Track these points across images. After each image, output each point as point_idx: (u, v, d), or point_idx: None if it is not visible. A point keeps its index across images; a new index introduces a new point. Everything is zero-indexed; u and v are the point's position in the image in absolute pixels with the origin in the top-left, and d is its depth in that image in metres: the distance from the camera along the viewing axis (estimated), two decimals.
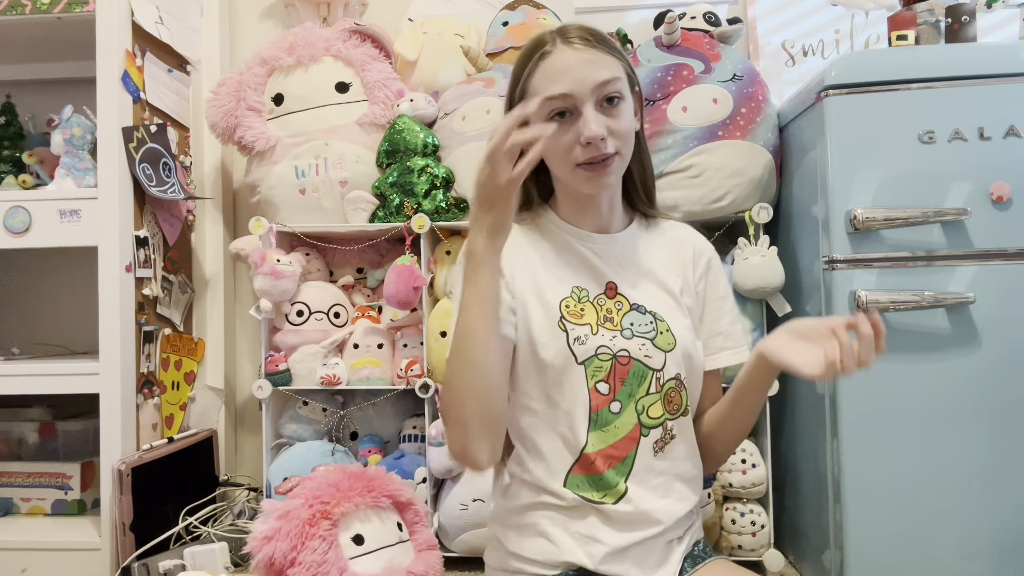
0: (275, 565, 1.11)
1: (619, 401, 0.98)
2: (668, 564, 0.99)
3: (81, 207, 1.67)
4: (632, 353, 0.98)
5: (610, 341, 0.98)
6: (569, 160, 0.96)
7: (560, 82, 0.94)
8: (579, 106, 0.94)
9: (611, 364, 0.98)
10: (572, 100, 0.94)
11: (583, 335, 0.98)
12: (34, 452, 1.95)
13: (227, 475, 2.02)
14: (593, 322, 0.99)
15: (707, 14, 1.84)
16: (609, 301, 1.01)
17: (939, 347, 1.40)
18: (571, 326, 0.98)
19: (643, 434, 0.98)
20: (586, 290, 1.01)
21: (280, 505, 1.16)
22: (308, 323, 1.78)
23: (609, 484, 0.97)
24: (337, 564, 1.13)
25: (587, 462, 0.97)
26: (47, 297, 2.16)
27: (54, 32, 1.84)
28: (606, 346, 0.98)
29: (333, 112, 1.83)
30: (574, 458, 0.98)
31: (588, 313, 0.99)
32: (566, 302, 0.99)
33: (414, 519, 1.26)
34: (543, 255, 1.03)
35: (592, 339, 0.98)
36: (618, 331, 0.99)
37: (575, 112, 0.95)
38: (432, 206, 1.76)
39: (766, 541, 1.64)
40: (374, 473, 1.25)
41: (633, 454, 0.98)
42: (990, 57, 1.44)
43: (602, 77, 0.94)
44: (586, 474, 0.97)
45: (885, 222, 1.41)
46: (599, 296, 1.01)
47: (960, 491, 1.38)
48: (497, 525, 1.05)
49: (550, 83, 0.94)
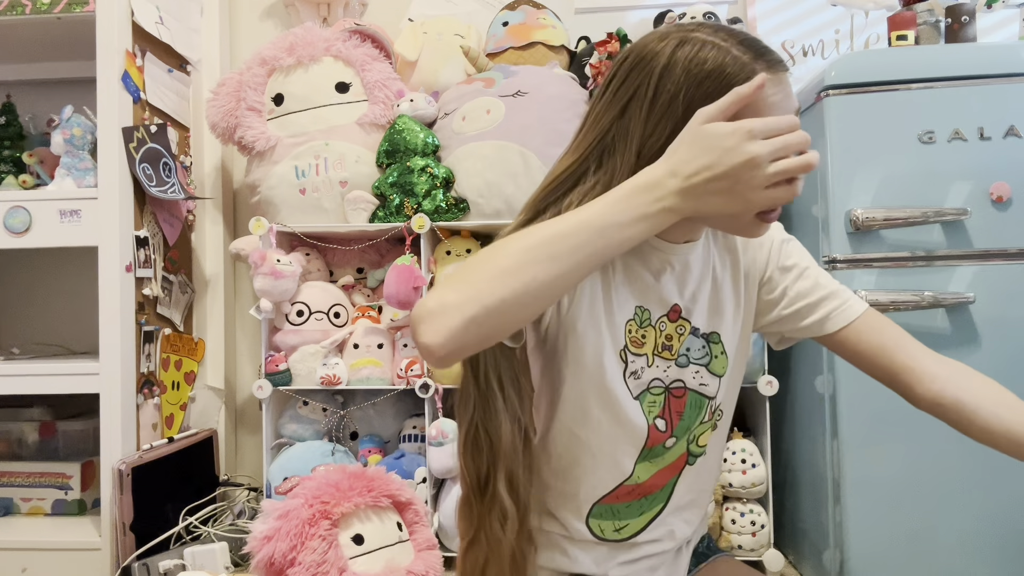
0: (275, 565, 1.11)
1: (676, 436, 0.88)
2: (679, 567, 0.97)
3: (81, 207, 1.67)
4: (687, 383, 0.88)
5: (663, 373, 0.87)
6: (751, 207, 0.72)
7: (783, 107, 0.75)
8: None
9: (664, 398, 0.87)
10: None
11: (639, 369, 0.85)
12: (34, 452, 1.95)
13: (227, 475, 2.02)
14: (650, 352, 0.86)
15: (707, 14, 1.85)
16: (671, 325, 0.87)
17: (939, 347, 1.38)
18: (632, 357, 0.85)
19: (689, 463, 0.90)
20: (648, 311, 0.86)
21: (280, 505, 1.16)
22: (308, 323, 1.78)
23: (635, 513, 0.90)
24: (337, 564, 1.13)
25: (623, 492, 0.88)
26: (47, 297, 2.16)
27: (54, 32, 1.84)
28: (659, 379, 0.87)
29: (333, 112, 1.84)
30: (612, 487, 0.88)
31: (648, 340, 0.86)
32: (629, 326, 0.85)
33: (414, 519, 1.27)
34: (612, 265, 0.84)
35: (647, 372, 0.86)
36: (673, 360, 0.87)
37: None
38: (432, 206, 1.76)
39: (766, 541, 1.64)
40: (374, 473, 1.25)
41: (673, 483, 0.90)
42: (990, 57, 1.44)
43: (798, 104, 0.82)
44: (614, 503, 0.89)
45: (885, 222, 1.41)
46: (661, 319, 0.86)
47: (960, 491, 1.38)
48: None
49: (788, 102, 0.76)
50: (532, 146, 1.71)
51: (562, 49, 1.97)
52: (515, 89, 1.78)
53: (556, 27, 1.98)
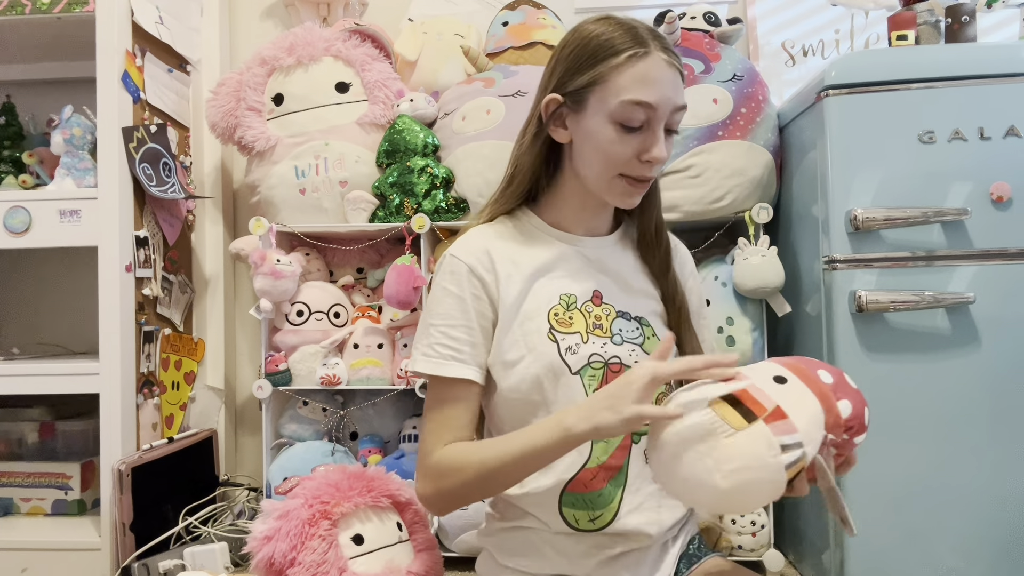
0: (275, 565, 1.10)
1: None
2: (663, 567, 0.98)
3: (81, 207, 1.67)
4: (623, 360, 0.95)
5: (601, 348, 0.94)
6: (615, 168, 0.91)
7: (651, 92, 0.87)
8: (653, 122, 0.89)
9: (603, 372, 0.94)
10: (651, 114, 0.88)
11: (574, 344, 0.94)
12: (34, 452, 1.95)
13: (227, 475, 2.02)
14: (583, 330, 0.95)
15: (707, 14, 1.85)
16: (596, 308, 0.97)
17: (939, 347, 1.40)
18: (561, 336, 0.93)
19: (634, 441, 0.95)
20: (575, 296, 0.96)
21: (280, 505, 1.16)
22: (308, 323, 1.78)
23: (606, 501, 0.93)
24: (337, 564, 1.13)
25: (588, 477, 0.93)
26: (47, 297, 2.16)
27: (54, 32, 1.84)
28: (598, 354, 0.94)
29: (333, 112, 1.84)
30: (575, 472, 0.93)
31: (577, 321, 0.95)
32: (555, 310, 0.95)
33: (414, 519, 1.26)
34: (532, 262, 0.97)
35: (584, 347, 0.93)
36: (608, 338, 0.95)
37: (644, 126, 0.89)
38: (432, 206, 1.76)
39: (766, 541, 1.64)
40: (374, 473, 1.25)
41: (626, 463, 0.94)
42: (990, 57, 1.44)
43: (680, 103, 0.90)
44: (584, 492, 0.93)
45: (885, 222, 1.41)
46: (586, 303, 0.97)
47: (960, 491, 1.38)
48: (487, 539, 1.04)
49: (640, 88, 0.87)
50: None
51: None
52: (515, 89, 1.78)
53: (556, 27, 1.98)
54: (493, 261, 0.96)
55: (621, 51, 0.88)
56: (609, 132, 0.89)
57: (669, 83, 0.89)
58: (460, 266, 0.95)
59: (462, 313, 0.94)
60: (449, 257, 0.97)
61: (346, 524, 1.18)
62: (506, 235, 1.00)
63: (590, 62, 0.90)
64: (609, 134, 0.89)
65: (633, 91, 0.87)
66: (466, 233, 1.01)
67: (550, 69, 0.96)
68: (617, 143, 0.89)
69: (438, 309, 0.95)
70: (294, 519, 1.13)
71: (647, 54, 0.88)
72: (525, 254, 0.98)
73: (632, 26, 0.91)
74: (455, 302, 0.94)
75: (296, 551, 1.11)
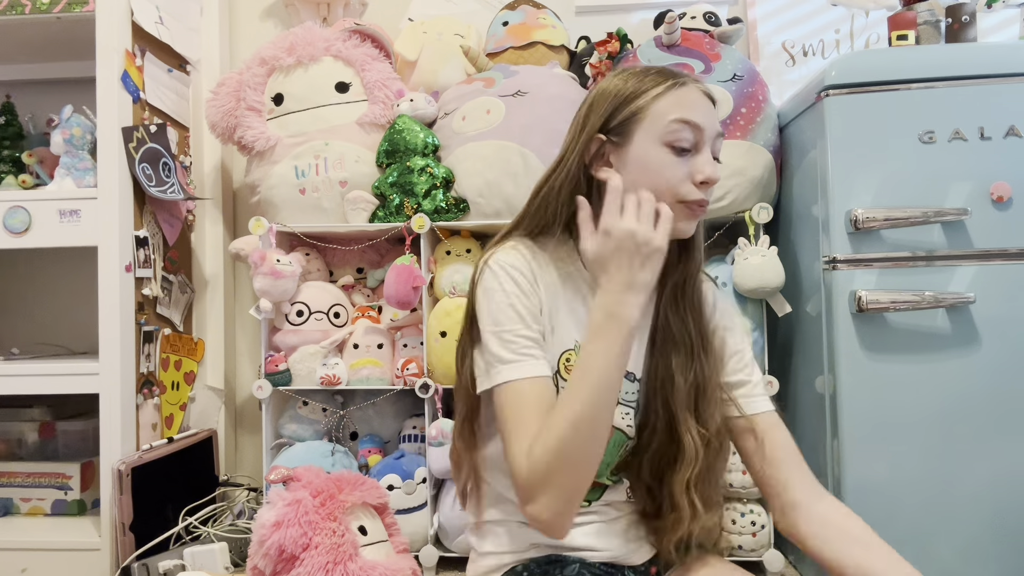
0: (285, 552, 1.10)
1: None
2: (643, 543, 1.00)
3: (81, 207, 1.67)
4: (615, 422, 0.92)
5: None
6: (671, 194, 0.89)
7: (696, 113, 0.89)
8: (701, 144, 0.90)
9: None
10: (699, 135, 0.89)
11: None
12: (34, 452, 1.95)
13: (227, 475, 2.02)
14: None
15: (707, 14, 1.85)
16: None
17: (939, 347, 1.40)
18: (563, 384, 0.92)
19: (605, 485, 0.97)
20: None
21: (286, 494, 1.16)
22: (308, 323, 1.78)
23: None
24: (354, 546, 1.14)
25: None
26: (47, 297, 2.16)
27: (54, 32, 1.84)
28: None
29: (333, 112, 1.83)
30: None
31: None
32: (567, 355, 0.93)
33: (391, 523, 1.28)
34: (566, 299, 0.95)
35: None
36: None
37: (693, 149, 0.89)
38: (432, 206, 1.76)
39: (766, 541, 1.64)
40: (352, 476, 1.26)
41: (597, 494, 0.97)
42: (990, 57, 1.44)
43: (720, 130, 0.92)
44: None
45: (885, 222, 1.41)
46: None
47: (960, 491, 1.38)
48: (471, 536, 1.05)
49: (684, 109, 0.89)
50: (532, 146, 1.71)
51: (562, 49, 1.97)
52: (515, 89, 1.78)
53: (556, 27, 1.98)
54: (535, 275, 0.93)
55: (660, 83, 0.90)
56: (661, 155, 0.88)
57: (709, 110, 0.91)
58: (514, 272, 0.91)
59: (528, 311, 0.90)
60: (497, 266, 0.92)
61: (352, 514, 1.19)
62: (543, 260, 0.96)
63: (631, 98, 0.91)
64: (662, 157, 0.88)
65: (679, 111, 0.88)
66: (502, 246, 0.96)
67: (581, 119, 0.94)
68: (669, 166, 0.89)
69: (501, 316, 0.89)
70: (305, 506, 1.13)
71: (684, 84, 0.90)
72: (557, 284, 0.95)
73: (663, 68, 0.94)
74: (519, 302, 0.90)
75: (309, 536, 1.11)
